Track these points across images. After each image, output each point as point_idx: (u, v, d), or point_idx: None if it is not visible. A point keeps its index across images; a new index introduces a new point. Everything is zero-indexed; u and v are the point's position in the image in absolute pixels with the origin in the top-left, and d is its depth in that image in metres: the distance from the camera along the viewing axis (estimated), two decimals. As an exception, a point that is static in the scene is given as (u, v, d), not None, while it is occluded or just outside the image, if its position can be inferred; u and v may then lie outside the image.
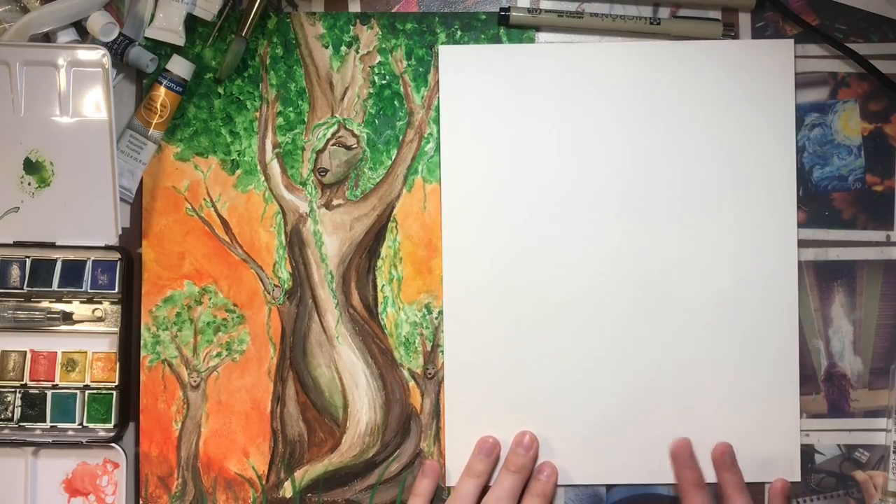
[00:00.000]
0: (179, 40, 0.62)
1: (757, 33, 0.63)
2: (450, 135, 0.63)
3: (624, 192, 0.63)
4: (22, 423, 0.62)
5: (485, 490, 0.61)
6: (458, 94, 0.63)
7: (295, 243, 0.64)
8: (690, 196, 0.63)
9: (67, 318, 0.62)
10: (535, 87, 0.63)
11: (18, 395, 0.62)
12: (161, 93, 0.62)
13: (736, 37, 0.63)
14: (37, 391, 0.62)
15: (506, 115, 0.63)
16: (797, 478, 0.62)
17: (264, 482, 0.63)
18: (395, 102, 0.63)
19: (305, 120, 0.64)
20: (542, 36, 0.64)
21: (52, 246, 0.62)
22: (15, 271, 0.62)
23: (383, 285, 0.63)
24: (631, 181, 0.63)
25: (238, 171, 0.64)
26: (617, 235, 0.63)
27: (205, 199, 0.64)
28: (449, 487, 0.63)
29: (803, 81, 0.63)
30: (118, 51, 0.61)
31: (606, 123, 0.63)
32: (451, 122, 0.63)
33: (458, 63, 0.63)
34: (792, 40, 0.63)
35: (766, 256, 0.62)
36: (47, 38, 0.61)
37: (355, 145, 0.64)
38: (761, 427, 0.62)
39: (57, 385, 0.62)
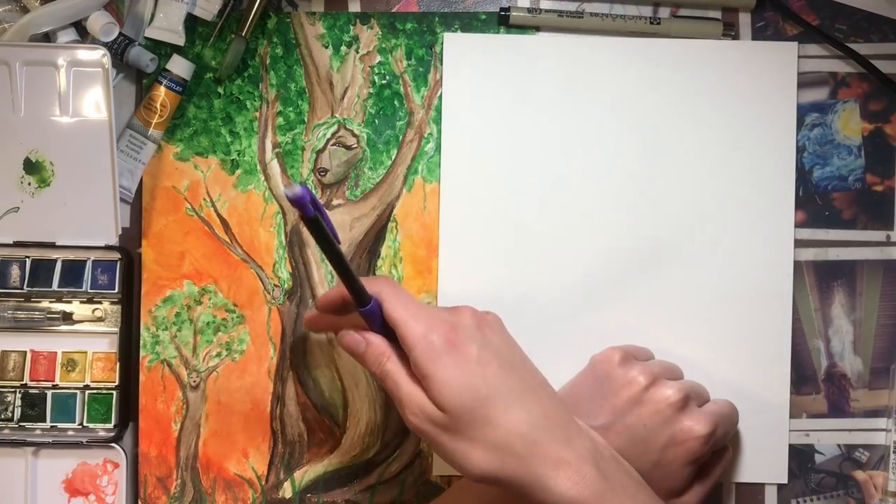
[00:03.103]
0: (179, 40, 0.62)
1: (757, 33, 0.63)
2: (451, 122, 0.62)
3: (623, 190, 0.63)
4: (22, 423, 0.62)
5: None
6: (461, 84, 0.62)
7: (295, 243, 0.64)
8: (689, 195, 0.62)
9: (67, 318, 0.62)
10: (538, 80, 0.62)
11: (18, 395, 0.62)
12: (161, 93, 0.62)
13: (736, 37, 0.63)
14: (37, 391, 0.62)
15: (508, 108, 0.63)
16: (784, 480, 0.62)
17: (264, 483, 0.63)
18: (395, 102, 0.63)
19: (305, 120, 0.64)
20: (542, 36, 0.64)
21: (52, 246, 0.62)
22: (15, 271, 0.62)
23: (383, 285, 0.63)
24: (630, 180, 0.62)
25: (238, 171, 0.64)
26: (615, 233, 0.63)
27: (205, 199, 0.64)
28: (436, 480, 0.63)
29: (803, 81, 0.63)
30: (118, 51, 0.61)
31: (606, 121, 0.63)
32: (452, 110, 0.63)
33: (463, 52, 0.63)
34: (796, 43, 0.63)
35: (762, 257, 0.62)
36: (47, 38, 0.61)
37: (355, 145, 0.64)
38: (750, 427, 0.62)
39: (57, 385, 0.62)
